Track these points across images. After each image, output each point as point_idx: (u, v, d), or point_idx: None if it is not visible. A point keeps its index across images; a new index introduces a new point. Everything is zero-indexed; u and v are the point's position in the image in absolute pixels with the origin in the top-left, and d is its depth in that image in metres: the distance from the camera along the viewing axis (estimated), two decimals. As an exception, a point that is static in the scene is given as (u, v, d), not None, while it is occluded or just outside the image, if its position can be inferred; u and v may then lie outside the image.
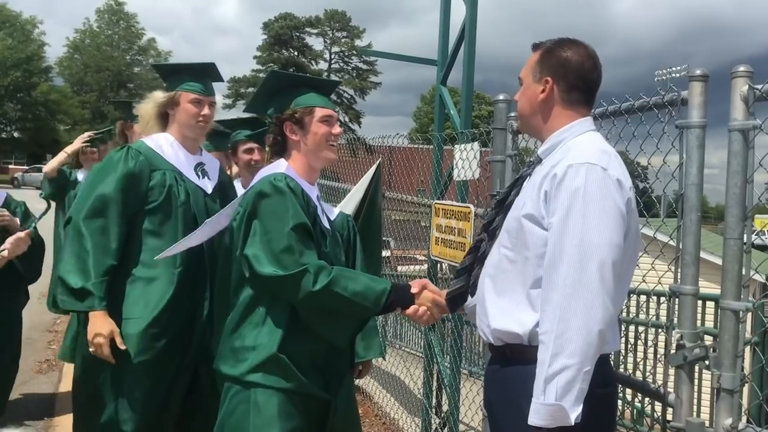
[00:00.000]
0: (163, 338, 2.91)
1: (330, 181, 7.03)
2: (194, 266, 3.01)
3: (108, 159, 3.06)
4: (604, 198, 1.87)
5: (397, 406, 5.66)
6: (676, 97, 2.35)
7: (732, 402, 2.14)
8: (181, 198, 3.04)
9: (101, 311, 2.81)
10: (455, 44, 4.56)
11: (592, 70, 2.10)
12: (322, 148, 2.57)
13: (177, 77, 3.15)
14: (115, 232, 2.89)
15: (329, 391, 2.49)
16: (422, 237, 6.26)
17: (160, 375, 2.94)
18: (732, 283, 2.16)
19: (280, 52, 56.16)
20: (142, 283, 2.93)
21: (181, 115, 3.12)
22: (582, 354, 1.82)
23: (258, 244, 2.34)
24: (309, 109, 2.55)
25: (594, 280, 1.84)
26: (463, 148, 3.99)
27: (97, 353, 2.81)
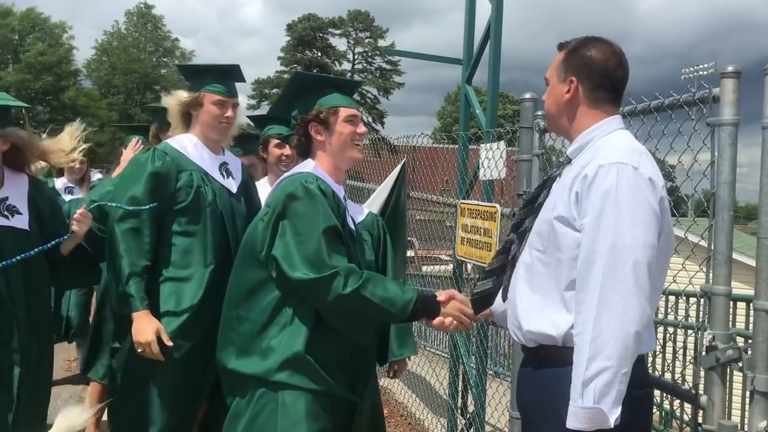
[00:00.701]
0: (192, 338, 2.94)
1: (354, 181, 7.04)
2: (224, 266, 2.99)
3: (135, 161, 3.10)
4: (636, 198, 1.85)
5: (423, 407, 5.64)
6: (707, 94, 2.31)
7: (767, 404, 2.11)
8: (209, 198, 3.06)
9: (144, 311, 2.85)
10: (480, 43, 4.54)
11: (617, 67, 2.07)
12: (347, 148, 2.57)
13: (200, 78, 3.16)
14: (147, 233, 2.93)
15: (355, 392, 2.49)
16: (447, 237, 6.24)
17: (188, 375, 2.97)
18: (766, 283, 2.12)
19: (303, 53, 56.31)
20: (173, 283, 2.96)
21: (204, 116, 3.14)
22: (619, 356, 1.81)
23: (289, 245, 2.34)
24: (334, 109, 2.55)
25: (629, 281, 1.82)
26: (489, 147, 3.97)
27: (146, 353, 2.84)
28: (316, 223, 2.33)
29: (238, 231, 3.07)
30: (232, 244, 3.03)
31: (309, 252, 2.31)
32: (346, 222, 2.50)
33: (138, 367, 2.95)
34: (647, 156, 1.98)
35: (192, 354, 2.94)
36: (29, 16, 46.37)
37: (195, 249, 2.99)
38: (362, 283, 2.28)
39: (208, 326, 2.96)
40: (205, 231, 3.02)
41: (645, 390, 2.03)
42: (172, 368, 2.91)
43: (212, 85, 3.12)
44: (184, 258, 2.98)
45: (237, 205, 3.19)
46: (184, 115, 3.17)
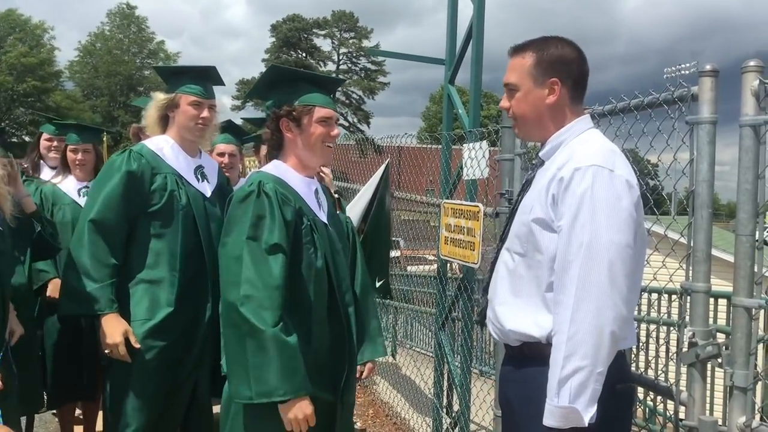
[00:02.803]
0: (166, 340, 2.94)
1: (339, 182, 7.04)
2: (195, 269, 3.03)
3: (110, 162, 3.08)
4: (611, 200, 1.87)
5: (408, 406, 5.65)
6: (686, 93, 2.33)
7: (745, 400, 2.13)
8: (182, 201, 3.06)
9: (113, 313, 2.85)
10: (463, 43, 4.55)
11: (585, 63, 2.09)
12: (317, 149, 2.50)
13: (177, 79, 3.16)
14: (119, 234, 2.94)
15: (335, 391, 2.48)
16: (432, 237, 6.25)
17: (162, 378, 2.97)
18: (744, 280, 2.15)
19: (288, 53, 56.22)
20: (144, 286, 2.95)
21: (180, 117, 3.13)
22: (594, 356, 1.83)
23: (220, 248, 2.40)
24: (308, 108, 2.47)
25: (604, 282, 1.84)
26: (472, 147, 3.98)
27: (113, 355, 2.84)
28: (242, 229, 2.29)
29: (212, 234, 3.07)
30: (204, 247, 3.05)
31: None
32: (309, 215, 2.44)
33: (114, 371, 2.95)
34: (621, 156, 1.99)
35: (165, 356, 2.94)
36: (9, 17, 45.89)
37: (166, 252, 2.99)
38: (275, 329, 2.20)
39: (180, 329, 2.98)
40: (177, 234, 3.01)
41: (627, 384, 2.05)
42: (146, 371, 2.91)
43: (188, 86, 3.11)
44: (154, 261, 2.97)
45: (211, 208, 3.18)
46: (161, 117, 3.16)
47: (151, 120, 3.19)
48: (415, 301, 9.19)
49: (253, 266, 2.23)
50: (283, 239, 2.29)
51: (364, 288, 2.87)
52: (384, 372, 6.84)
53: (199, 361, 3.07)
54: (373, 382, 6.55)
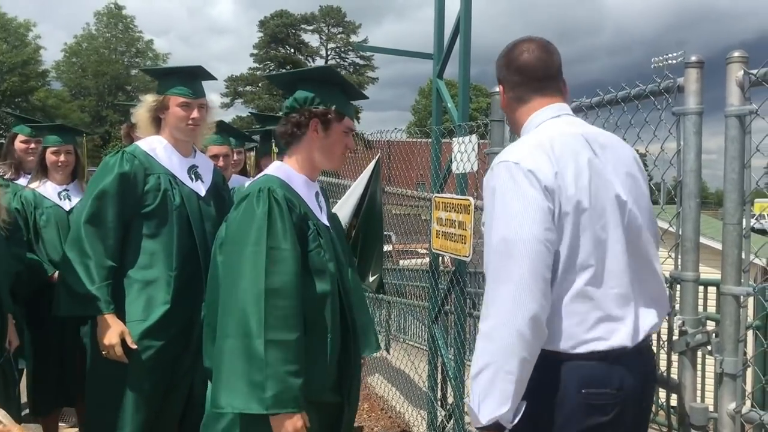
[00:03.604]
0: (161, 340, 2.96)
1: (330, 178, 7.04)
2: (190, 269, 3.05)
3: (104, 163, 3.08)
4: (516, 192, 1.82)
5: (403, 400, 5.68)
6: (672, 84, 2.36)
7: (735, 386, 2.16)
8: (176, 202, 3.08)
9: (110, 314, 2.87)
10: (450, 37, 4.56)
11: (520, 55, 2.08)
12: (335, 157, 2.51)
13: (165, 81, 3.18)
14: (113, 235, 2.95)
15: (341, 392, 2.45)
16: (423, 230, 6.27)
17: (159, 378, 2.99)
18: (732, 268, 2.18)
19: (276, 49, 56.03)
20: (140, 286, 2.98)
21: (170, 119, 3.16)
22: (501, 354, 1.76)
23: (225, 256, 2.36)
24: (341, 116, 2.46)
25: (515, 276, 1.77)
26: (461, 141, 3.99)
27: (110, 355, 2.87)
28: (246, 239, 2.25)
29: (207, 234, 3.10)
30: (199, 248, 3.07)
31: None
32: (313, 219, 2.42)
33: (107, 371, 2.97)
34: (545, 147, 1.90)
35: (161, 356, 2.97)
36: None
37: (161, 252, 3.01)
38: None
39: (176, 329, 3.00)
40: (171, 235, 3.03)
41: (600, 390, 1.87)
42: (140, 372, 2.93)
43: (176, 88, 3.13)
44: (149, 261, 2.99)
45: (206, 208, 3.20)
46: (153, 119, 3.18)
47: (142, 122, 3.21)
48: (408, 294, 9.21)
49: (267, 277, 2.18)
50: (295, 245, 2.28)
51: (355, 284, 2.88)
52: (378, 366, 6.86)
53: (195, 360, 3.04)
54: (368, 377, 6.57)
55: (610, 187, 1.91)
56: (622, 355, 1.87)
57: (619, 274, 1.88)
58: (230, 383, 2.15)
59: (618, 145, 2.06)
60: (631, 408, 1.92)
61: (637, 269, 1.93)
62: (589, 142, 1.95)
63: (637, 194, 1.98)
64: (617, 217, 1.90)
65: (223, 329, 2.20)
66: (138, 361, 2.92)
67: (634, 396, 1.92)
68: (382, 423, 5.38)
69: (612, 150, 1.99)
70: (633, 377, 1.90)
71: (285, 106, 2.53)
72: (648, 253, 1.99)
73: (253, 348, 2.13)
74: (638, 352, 1.92)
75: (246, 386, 2.13)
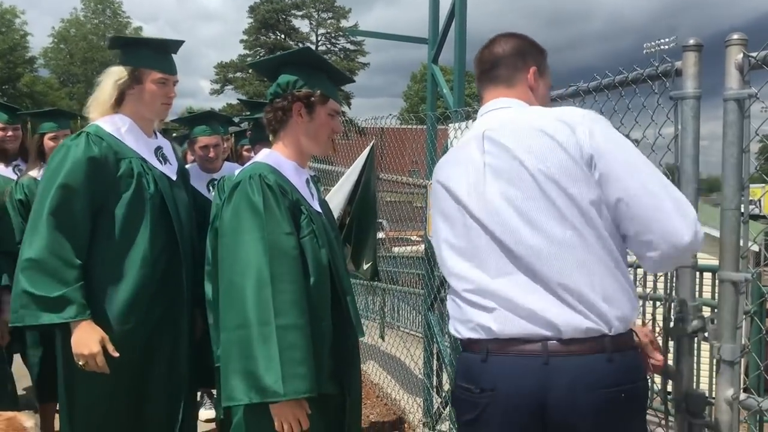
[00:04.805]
0: (139, 342, 2.72)
1: (323, 165, 7.00)
2: (168, 261, 2.79)
3: (65, 147, 2.69)
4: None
5: (398, 387, 5.68)
6: (670, 68, 2.33)
7: (732, 373, 2.15)
8: (151, 189, 2.78)
9: (87, 320, 2.53)
10: (446, 22, 4.51)
11: (478, 55, 2.17)
12: (321, 140, 2.46)
13: (139, 52, 2.84)
14: (82, 229, 2.60)
15: (342, 384, 2.42)
16: (416, 218, 6.25)
17: (129, 384, 2.74)
18: (730, 254, 2.16)
19: (266, 35, 55.60)
20: (113, 286, 2.66)
21: (145, 95, 2.82)
22: None
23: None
24: (325, 99, 2.43)
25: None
26: (457, 127, 3.96)
27: (89, 366, 2.54)
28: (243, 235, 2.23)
29: (183, 222, 2.87)
30: (178, 235, 2.82)
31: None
32: (305, 205, 2.39)
33: (80, 378, 2.67)
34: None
35: (140, 357, 2.73)
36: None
37: (136, 245, 2.69)
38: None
39: (150, 330, 2.75)
40: (147, 225, 2.73)
41: (459, 385, 1.91)
42: (118, 375, 2.64)
43: (154, 61, 2.83)
44: (124, 255, 2.68)
45: (179, 193, 2.95)
46: (119, 94, 2.82)
47: (105, 97, 2.83)
48: (402, 282, 9.20)
49: (270, 263, 2.16)
50: (293, 230, 2.26)
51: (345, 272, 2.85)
52: (373, 353, 6.86)
53: (175, 360, 2.86)
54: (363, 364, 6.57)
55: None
56: (501, 350, 1.80)
57: (497, 260, 1.84)
58: (232, 375, 2.14)
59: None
60: (514, 419, 1.78)
61: (541, 257, 1.78)
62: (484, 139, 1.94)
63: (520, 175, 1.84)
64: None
65: (227, 322, 2.18)
66: (114, 366, 2.59)
67: (520, 405, 1.77)
68: (377, 410, 5.38)
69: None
70: (523, 380, 1.76)
71: (269, 92, 2.51)
72: (571, 242, 1.78)
73: (256, 336, 2.11)
74: (549, 352, 1.75)
75: (244, 377, 2.11)
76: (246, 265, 2.17)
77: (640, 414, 1.87)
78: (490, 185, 1.87)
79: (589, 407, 1.72)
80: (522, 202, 1.81)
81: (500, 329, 1.79)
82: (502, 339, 1.79)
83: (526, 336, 1.76)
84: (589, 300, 1.75)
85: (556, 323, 1.75)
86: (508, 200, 1.83)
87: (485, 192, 1.87)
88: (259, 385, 2.09)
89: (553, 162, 1.79)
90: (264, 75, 2.63)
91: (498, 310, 1.81)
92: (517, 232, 1.81)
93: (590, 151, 1.78)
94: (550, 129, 1.82)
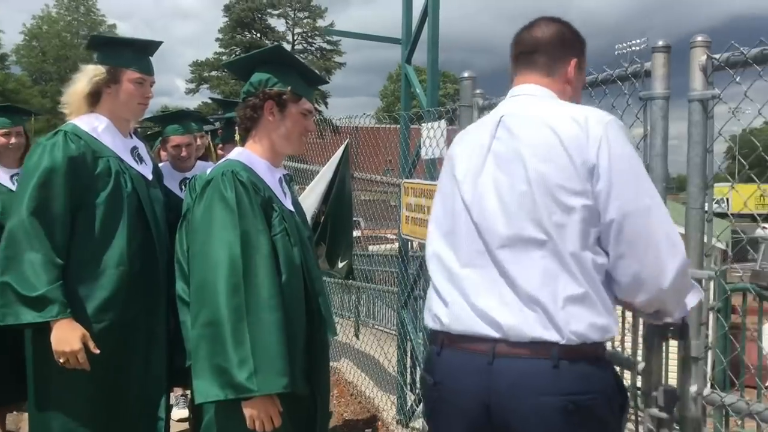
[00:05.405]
0: (108, 340, 2.66)
1: (298, 163, 6.99)
2: (144, 261, 2.79)
3: (41, 146, 2.69)
4: None
5: (372, 385, 5.69)
6: (639, 69, 2.37)
7: (697, 369, 2.19)
8: (128, 188, 2.79)
9: (68, 318, 2.54)
10: (419, 22, 4.54)
11: (516, 36, 2.02)
12: (293, 139, 2.47)
13: (117, 52, 2.86)
14: (62, 229, 2.61)
15: (312, 383, 2.42)
16: (392, 216, 6.27)
17: (107, 385, 2.72)
18: (695, 251, 2.20)
19: (242, 34, 55.28)
20: (89, 284, 2.66)
21: (121, 95, 2.84)
22: None
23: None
24: (297, 97, 2.43)
25: None
26: (430, 127, 3.99)
27: (70, 363, 2.55)
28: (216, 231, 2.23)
29: (158, 220, 2.88)
30: (153, 234, 2.83)
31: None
32: (278, 204, 2.39)
33: (52, 377, 2.66)
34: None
35: (107, 362, 2.67)
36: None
37: (112, 245, 2.70)
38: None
39: (126, 329, 2.73)
40: (124, 224, 2.74)
41: (421, 376, 1.96)
42: (86, 376, 2.62)
43: (132, 62, 2.84)
44: (101, 253, 2.68)
45: (154, 192, 2.96)
46: (93, 93, 2.82)
47: (79, 96, 2.82)
48: (377, 280, 9.22)
49: (243, 259, 2.16)
50: (266, 227, 2.27)
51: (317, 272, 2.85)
52: (348, 352, 6.87)
53: (151, 359, 2.84)
54: (337, 362, 6.58)
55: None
56: (452, 344, 1.79)
57: (470, 248, 1.82)
58: (204, 372, 2.13)
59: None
60: (460, 415, 1.75)
61: (509, 254, 1.74)
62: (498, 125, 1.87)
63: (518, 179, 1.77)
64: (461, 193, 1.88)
65: (199, 318, 2.17)
66: (90, 365, 2.59)
67: (465, 402, 1.74)
68: (351, 408, 5.39)
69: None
70: (468, 377, 1.73)
71: (242, 91, 2.51)
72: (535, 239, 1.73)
73: (229, 333, 2.10)
74: (495, 353, 1.71)
75: (217, 373, 2.11)
76: (218, 261, 2.17)
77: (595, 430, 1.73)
78: (487, 171, 1.82)
79: (530, 413, 1.65)
80: (507, 192, 1.76)
81: (451, 324, 1.79)
82: (453, 334, 1.79)
83: (475, 335, 1.74)
84: (547, 308, 1.68)
85: (505, 326, 1.70)
86: (496, 188, 1.78)
87: (480, 176, 1.83)
88: (233, 381, 2.09)
89: (550, 161, 1.71)
90: (238, 76, 2.63)
91: (453, 304, 1.80)
92: (492, 219, 1.76)
93: (596, 161, 1.68)
94: (560, 127, 1.73)
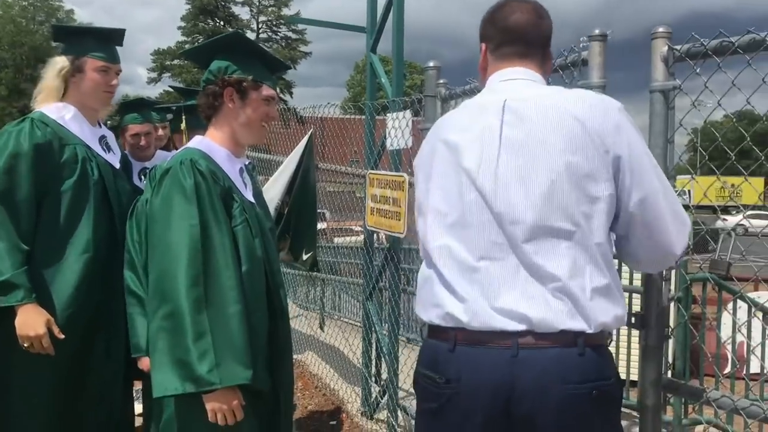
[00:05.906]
0: (71, 332, 2.67)
1: (262, 153, 6.92)
2: (106, 249, 2.78)
3: (7, 133, 2.70)
4: None
5: (337, 377, 5.68)
6: (577, 58, 2.39)
7: (657, 358, 2.22)
8: (95, 176, 2.81)
9: (33, 303, 2.57)
10: (384, 11, 4.51)
11: (492, 16, 1.92)
12: (254, 127, 2.42)
13: (80, 41, 2.88)
14: (27, 215, 2.63)
15: (275, 375, 2.38)
16: (357, 208, 6.25)
17: (68, 372, 2.72)
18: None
19: (205, 22, 54.49)
20: (53, 270, 2.68)
21: (86, 84, 2.86)
22: None
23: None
24: (258, 84, 2.38)
25: None
26: (395, 117, 3.97)
27: (35, 348, 2.58)
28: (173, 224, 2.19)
29: (123, 210, 2.85)
30: (118, 224, 2.82)
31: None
32: (237, 194, 2.36)
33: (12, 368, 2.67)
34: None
35: (70, 349, 2.69)
36: None
37: (81, 230, 2.73)
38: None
39: (89, 317, 2.75)
40: (90, 212, 2.76)
41: (421, 373, 1.86)
42: (53, 363, 2.65)
43: (95, 50, 2.85)
44: (67, 240, 2.70)
45: (120, 182, 2.99)
46: (63, 84, 2.85)
47: (50, 87, 2.86)
48: (342, 272, 9.20)
49: (203, 250, 2.13)
50: (226, 218, 2.24)
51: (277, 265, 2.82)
52: (312, 344, 6.84)
53: (111, 346, 2.83)
54: (301, 355, 6.55)
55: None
56: (470, 341, 1.71)
57: (487, 240, 1.73)
58: (164, 365, 2.09)
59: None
60: (478, 411, 1.69)
61: (533, 244, 1.69)
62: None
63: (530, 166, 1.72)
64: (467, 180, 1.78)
65: (158, 310, 2.13)
66: (49, 354, 2.62)
67: (485, 397, 1.68)
68: (316, 401, 5.37)
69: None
70: (491, 372, 1.67)
71: (202, 80, 2.46)
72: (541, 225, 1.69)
73: (190, 325, 2.07)
74: (519, 345, 1.66)
75: (177, 366, 2.07)
76: (178, 251, 2.13)
77: (612, 418, 1.73)
78: (504, 159, 1.72)
79: (558, 402, 1.62)
80: (534, 182, 1.68)
81: (470, 321, 1.70)
82: (469, 330, 1.70)
83: (495, 329, 1.67)
84: (577, 300, 1.65)
85: (535, 319, 1.64)
86: (520, 177, 1.69)
87: (498, 165, 1.73)
88: (194, 374, 2.06)
89: (579, 151, 1.66)
90: (198, 64, 2.58)
91: (470, 300, 1.70)
92: (519, 209, 1.68)
93: (618, 150, 1.67)
94: (582, 114, 1.68)
